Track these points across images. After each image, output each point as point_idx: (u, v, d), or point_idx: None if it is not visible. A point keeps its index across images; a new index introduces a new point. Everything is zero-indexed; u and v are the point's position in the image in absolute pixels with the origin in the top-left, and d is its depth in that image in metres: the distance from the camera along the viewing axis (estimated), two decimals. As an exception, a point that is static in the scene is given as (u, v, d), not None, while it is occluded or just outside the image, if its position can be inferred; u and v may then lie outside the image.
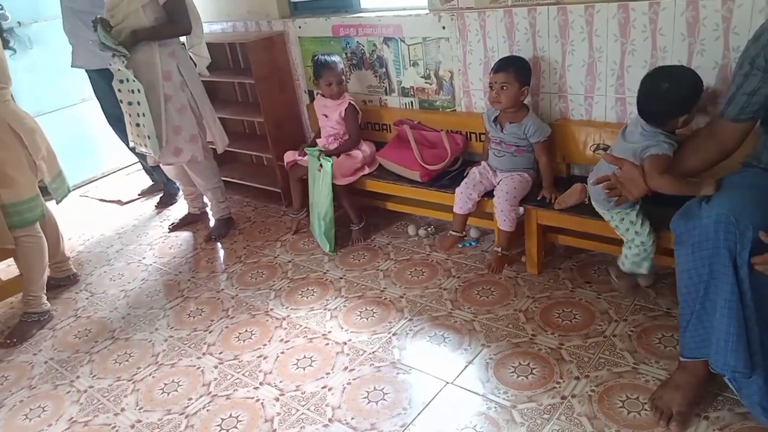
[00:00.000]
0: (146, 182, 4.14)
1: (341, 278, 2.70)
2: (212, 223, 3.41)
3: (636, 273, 2.10)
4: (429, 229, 2.95)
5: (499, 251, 2.49)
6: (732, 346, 1.51)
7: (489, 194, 2.45)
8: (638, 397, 1.80)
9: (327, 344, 2.27)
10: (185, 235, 3.41)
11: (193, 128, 2.99)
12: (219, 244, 3.24)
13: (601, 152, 2.30)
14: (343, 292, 2.59)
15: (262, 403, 2.03)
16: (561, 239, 2.46)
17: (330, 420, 1.91)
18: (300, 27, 3.25)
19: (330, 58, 2.88)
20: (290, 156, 3.06)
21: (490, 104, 2.44)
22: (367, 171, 2.92)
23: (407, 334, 2.26)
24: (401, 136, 2.87)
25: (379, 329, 2.31)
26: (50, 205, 2.84)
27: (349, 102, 2.88)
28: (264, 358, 2.25)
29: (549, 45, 2.42)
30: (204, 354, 2.34)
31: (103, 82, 3.27)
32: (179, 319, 2.59)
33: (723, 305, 1.52)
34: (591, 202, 2.15)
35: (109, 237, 3.54)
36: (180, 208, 3.74)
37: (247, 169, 3.89)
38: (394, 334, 2.27)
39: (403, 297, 2.49)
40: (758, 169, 1.71)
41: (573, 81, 2.43)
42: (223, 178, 3.38)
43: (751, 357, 1.52)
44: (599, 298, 2.28)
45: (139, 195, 4.08)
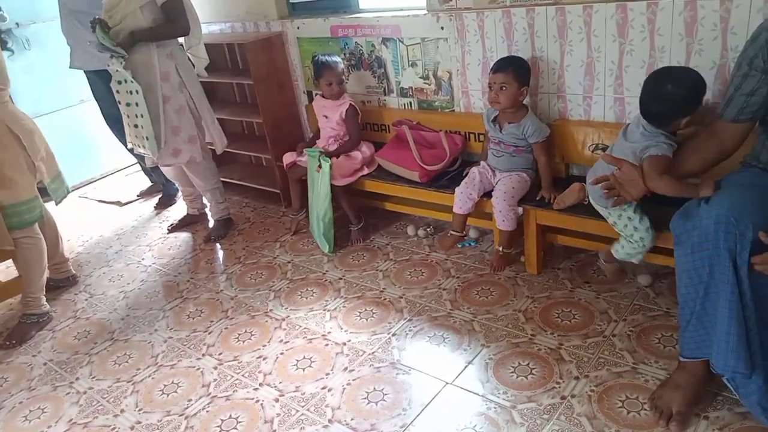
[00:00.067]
0: (145, 183, 4.13)
1: (340, 279, 2.70)
2: (211, 224, 3.41)
3: (627, 261, 2.13)
4: (428, 230, 2.95)
5: (501, 250, 2.49)
6: (732, 347, 1.51)
7: (488, 194, 2.45)
8: (638, 397, 1.80)
9: (326, 345, 2.28)
10: (184, 236, 3.40)
11: (192, 129, 2.99)
12: (218, 245, 3.24)
13: (600, 152, 2.30)
14: (343, 293, 2.59)
15: (262, 404, 2.03)
16: (560, 239, 2.46)
17: (330, 421, 1.91)
18: (298, 28, 3.25)
19: (330, 58, 2.88)
20: (289, 157, 3.06)
21: (489, 104, 2.44)
22: (366, 171, 2.92)
23: (407, 335, 2.26)
24: (400, 137, 2.87)
25: (379, 330, 2.31)
26: (49, 207, 2.84)
27: (350, 103, 2.88)
28: (263, 359, 2.25)
29: (547, 45, 2.43)
30: (203, 355, 2.34)
31: (102, 83, 3.27)
32: (179, 320, 2.59)
33: (723, 306, 1.52)
34: (590, 202, 2.16)
35: (108, 238, 3.54)
36: (179, 209, 3.74)
37: (246, 170, 3.89)
38: (394, 335, 2.27)
39: (403, 297, 2.49)
40: (757, 169, 1.72)
41: (571, 81, 2.43)
42: (222, 179, 3.38)
43: (751, 357, 1.52)
44: (598, 298, 2.29)
45: (138, 196, 4.08)
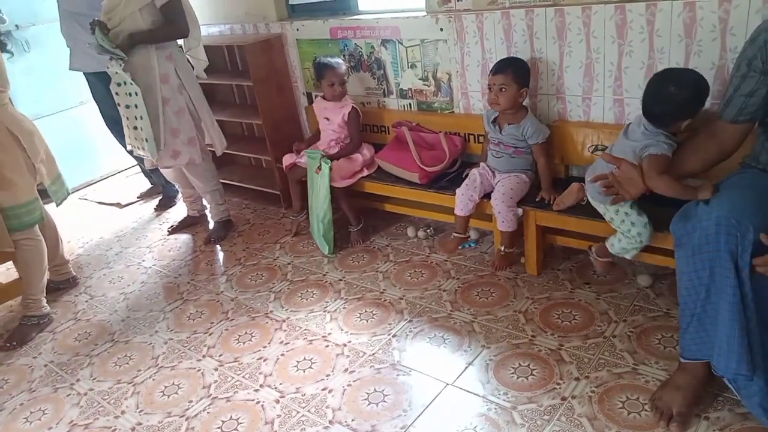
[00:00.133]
0: (145, 185, 4.13)
1: (341, 280, 2.70)
2: (211, 226, 3.41)
3: (621, 258, 2.12)
4: (428, 231, 2.95)
5: (502, 250, 2.49)
6: (734, 349, 1.51)
7: (489, 195, 2.45)
8: (638, 398, 1.81)
9: (327, 346, 2.28)
10: (184, 238, 3.41)
11: (191, 131, 2.99)
12: (218, 247, 3.24)
13: (599, 153, 2.30)
14: (343, 294, 2.59)
15: (263, 406, 2.03)
16: (560, 240, 2.46)
17: (330, 422, 1.91)
18: (298, 29, 3.25)
19: (332, 59, 2.88)
20: (288, 159, 3.06)
21: (489, 106, 2.45)
22: (366, 173, 2.92)
23: (407, 336, 2.26)
24: (400, 138, 2.87)
25: (379, 331, 2.31)
26: (49, 208, 2.84)
27: (353, 106, 2.88)
28: (264, 361, 2.25)
29: (546, 46, 2.43)
30: (204, 356, 2.34)
31: (101, 85, 3.27)
32: (179, 322, 2.59)
33: (725, 308, 1.51)
34: (588, 200, 2.16)
35: (109, 240, 3.54)
36: (179, 211, 3.74)
37: (246, 172, 3.89)
38: (394, 336, 2.27)
39: (403, 298, 2.49)
40: (757, 170, 1.72)
41: (571, 82, 2.43)
42: (222, 181, 3.38)
43: (752, 359, 1.52)
44: (599, 299, 2.29)
45: (138, 198, 4.08)
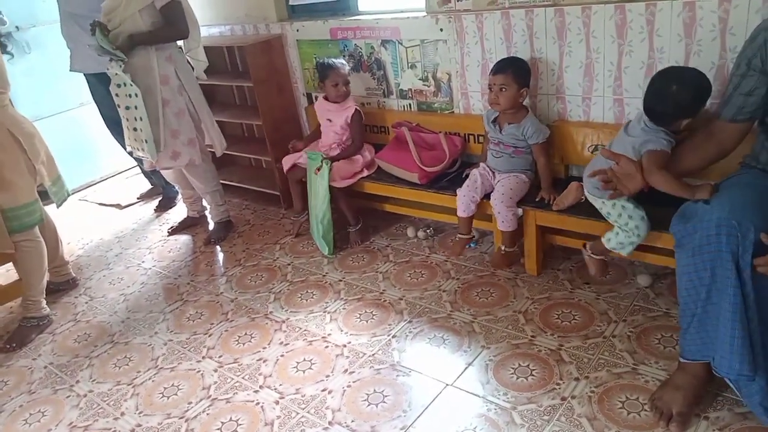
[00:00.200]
0: (145, 186, 4.14)
1: (340, 281, 2.70)
2: (211, 227, 3.41)
3: (617, 256, 2.10)
4: (428, 231, 2.95)
5: (503, 249, 2.48)
6: (737, 350, 1.50)
7: (489, 195, 2.45)
8: (638, 398, 1.80)
9: (326, 347, 2.27)
10: (184, 239, 3.41)
11: (191, 132, 2.99)
12: (218, 248, 3.24)
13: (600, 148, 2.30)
14: (343, 295, 2.59)
15: (262, 407, 2.03)
16: (559, 240, 2.46)
17: (330, 423, 1.91)
18: (298, 30, 3.26)
19: (336, 60, 2.88)
20: (288, 161, 3.04)
21: (490, 105, 2.45)
22: (366, 173, 2.92)
23: (407, 336, 2.26)
24: (400, 138, 2.87)
25: (379, 331, 2.31)
26: (49, 210, 2.84)
27: (356, 108, 2.88)
28: (264, 362, 2.25)
29: (546, 46, 2.43)
30: (204, 357, 2.34)
31: (102, 86, 3.27)
32: (179, 323, 2.59)
33: (727, 308, 1.51)
34: (586, 199, 2.16)
35: (108, 241, 3.54)
36: (179, 212, 3.74)
37: (246, 172, 3.89)
38: (394, 337, 2.27)
39: (403, 299, 2.49)
40: (757, 170, 1.72)
41: (571, 82, 2.43)
42: (222, 181, 3.38)
43: (754, 359, 1.52)
44: (598, 299, 2.29)
45: (138, 199, 4.08)
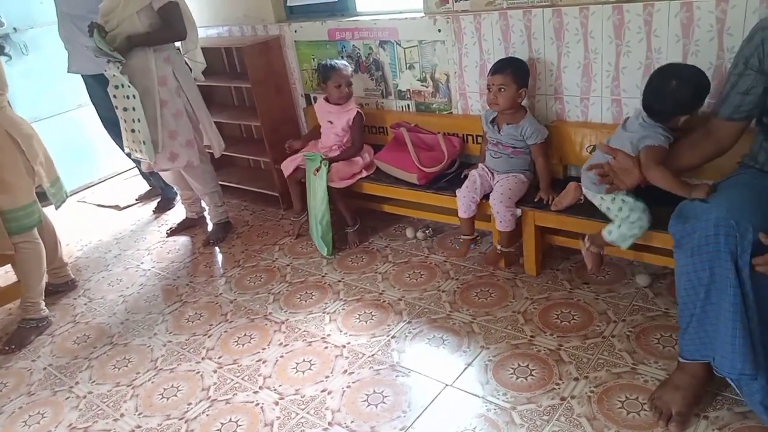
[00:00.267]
0: (144, 187, 4.13)
1: (340, 281, 2.70)
2: (210, 228, 3.40)
3: (615, 245, 2.08)
4: (427, 232, 2.95)
5: (500, 249, 2.49)
6: (738, 349, 1.51)
7: (488, 196, 2.45)
8: (637, 398, 1.80)
9: (326, 347, 2.27)
10: (183, 240, 3.40)
11: (189, 133, 2.99)
12: (217, 249, 3.24)
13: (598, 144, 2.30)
14: (342, 295, 2.59)
15: (262, 408, 2.03)
16: (558, 240, 2.46)
17: (330, 423, 1.91)
18: (296, 31, 3.26)
19: (338, 61, 2.88)
20: (289, 167, 3.00)
21: (488, 106, 2.45)
22: (365, 174, 2.92)
23: (406, 337, 2.26)
24: (398, 139, 2.87)
25: (378, 332, 2.31)
26: (48, 211, 2.84)
27: (358, 111, 2.88)
28: (263, 362, 2.25)
29: (544, 47, 2.43)
30: (203, 358, 2.34)
31: (100, 88, 3.27)
32: (178, 324, 2.59)
33: (727, 309, 1.51)
34: (586, 201, 2.16)
35: (107, 242, 3.54)
36: (178, 213, 3.74)
37: (245, 173, 3.89)
38: (393, 337, 2.27)
39: (402, 299, 2.49)
40: (755, 170, 1.72)
41: (569, 83, 2.44)
42: (221, 182, 3.38)
43: (755, 358, 1.52)
44: (597, 299, 2.29)
45: (137, 200, 4.08)
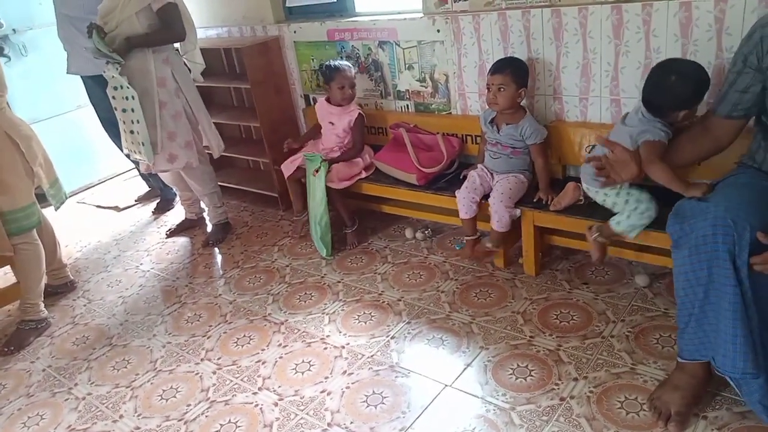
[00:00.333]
0: (143, 188, 4.14)
1: (339, 282, 2.70)
2: (209, 229, 3.40)
3: (623, 234, 2.07)
4: (426, 232, 2.95)
5: (490, 246, 2.48)
6: (740, 348, 1.50)
7: (488, 196, 2.45)
8: (637, 398, 1.80)
9: (325, 348, 2.27)
10: (182, 241, 3.40)
11: (188, 134, 2.99)
12: (216, 250, 3.23)
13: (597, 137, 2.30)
14: (341, 296, 2.59)
15: (261, 409, 2.03)
16: (557, 240, 2.46)
17: (329, 424, 1.91)
18: (295, 32, 3.26)
19: (342, 62, 2.88)
20: (289, 169, 3.00)
21: (488, 106, 2.45)
22: (364, 175, 2.92)
23: (405, 337, 2.26)
24: (397, 140, 2.87)
25: (378, 333, 2.31)
26: (47, 212, 2.84)
27: (359, 112, 2.87)
28: (262, 363, 2.25)
29: (543, 47, 2.43)
30: (202, 360, 2.33)
31: (99, 89, 3.26)
32: (177, 325, 2.59)
33: (727, 308, 1.50)
34: (585, 200, 2.15)
35: (107, 243, 3.53)
36: (177, 214, 3.74)
37: (244, 174, 3.89)
38: (393, 338, 2.27)
39: (401, 300, 2.49)
40: (753, 169, 1.72)
41: (568, 83, 2.44)
42: (220, 183, 3.38)
43: (756, 357, 1.51)
44: (597, 299, 2.29)
45: (136, 201, 4.08)
